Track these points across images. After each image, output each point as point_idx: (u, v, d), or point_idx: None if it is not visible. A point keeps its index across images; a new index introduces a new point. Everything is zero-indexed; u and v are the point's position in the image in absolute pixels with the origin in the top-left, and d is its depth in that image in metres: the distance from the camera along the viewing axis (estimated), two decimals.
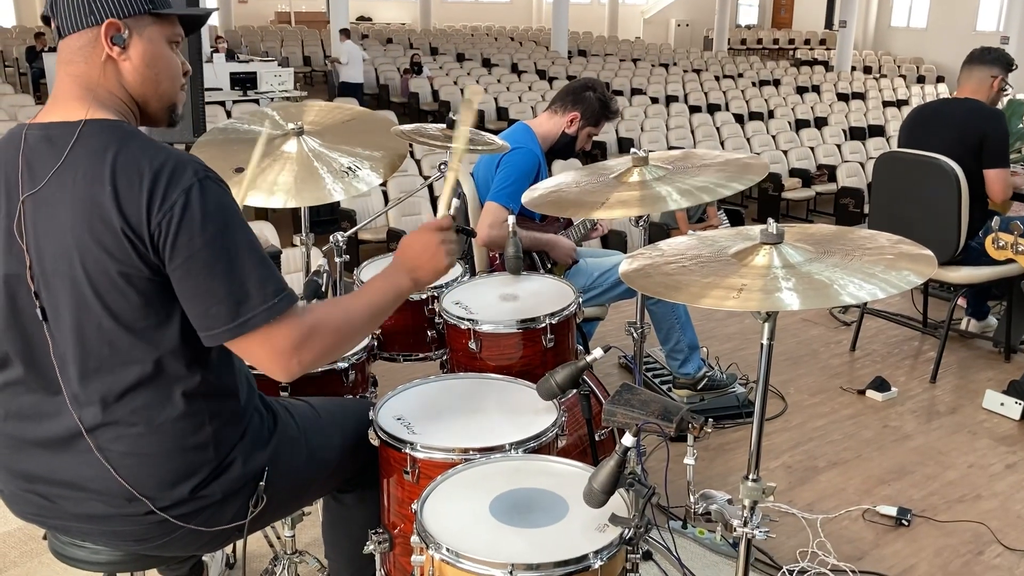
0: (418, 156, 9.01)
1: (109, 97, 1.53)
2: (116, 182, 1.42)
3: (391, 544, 1.86)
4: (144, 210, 1.41)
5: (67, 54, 1.52)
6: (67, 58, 1.52)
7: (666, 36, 28.58)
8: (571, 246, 3.30)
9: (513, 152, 3.14)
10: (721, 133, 11.96)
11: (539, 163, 3.22)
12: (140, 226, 1.41)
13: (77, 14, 1.49)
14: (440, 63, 17.39)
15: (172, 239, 1.42)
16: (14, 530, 2.75)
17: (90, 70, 1.51)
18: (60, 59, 1.53)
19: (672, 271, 1.69)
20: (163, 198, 1.41)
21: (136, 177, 1.42)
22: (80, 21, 1.50)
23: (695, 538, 2.75)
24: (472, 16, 27.95)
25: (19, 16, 21.93)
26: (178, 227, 1.42)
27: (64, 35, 1.52)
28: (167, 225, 1.41)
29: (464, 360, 2.31)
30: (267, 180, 2.43)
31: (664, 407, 1.67)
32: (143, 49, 1.54)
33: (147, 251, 1.43)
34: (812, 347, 4.41)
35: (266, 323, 1.47)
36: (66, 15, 1.50)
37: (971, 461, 3.32)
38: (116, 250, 1.42)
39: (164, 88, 1.59)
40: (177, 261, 1.43)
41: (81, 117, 1.48)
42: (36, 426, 1.54)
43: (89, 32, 1.50)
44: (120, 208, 1.41)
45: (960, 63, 4.12)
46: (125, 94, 1.55)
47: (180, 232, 1.42)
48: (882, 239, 1.74)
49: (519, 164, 3.14)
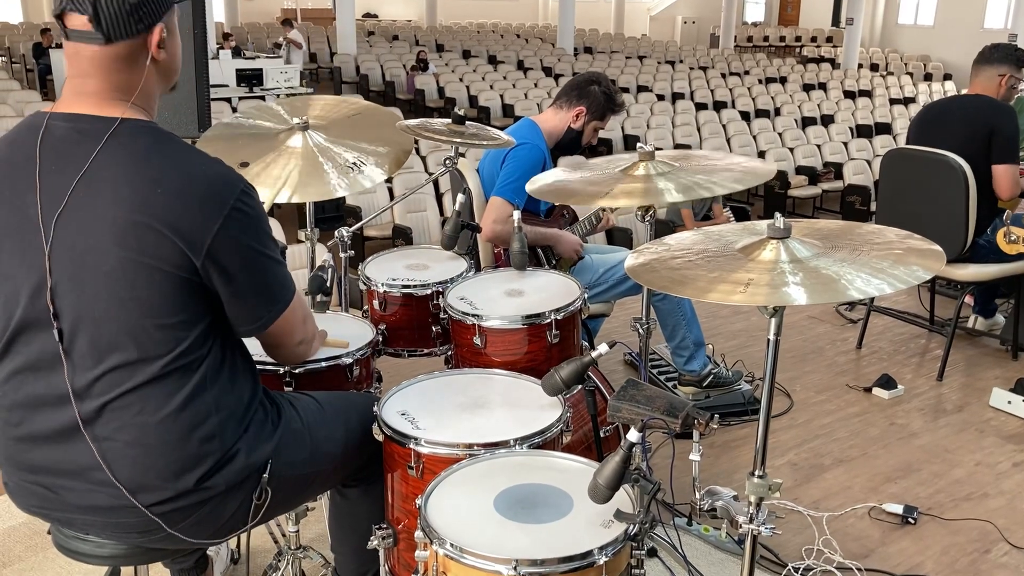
0: (424, 153, 9.00)
1: (143, 97, 1.55)
2: (167, 185, 1.45)
3: (395, 539, 1.86)
4: (199, 217, 1.46)
5: (111, 62, 1.50)
6: (111, 66, 1.50)
7: (672, 33, 28.53)
8: (576, 241, 3.29)
9: (519, 147, 3.14)
10: (727, 130, 11.92)
11: (544, 158, 3.21)
12: (191, 232, 1.46)
13: (128, 20, 1.48)
14: (446, 60, 17.37)
15: (224, 246, 1.49)
16: (19, 524, 2.75)
17: (134, 75, 1.52)
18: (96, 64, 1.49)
19: (678, 266, 1.68)
20: (218, 208, 1.48)
21: (187, 183, 1.47)
22: (132, 29, 1.49)
23: (700, 535, 2.74)
24: (478, 13, 27.92)
25: (26, 13, 21.98)
26: (231, 235, 1.49)
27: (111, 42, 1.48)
28: (222, 233, 1.48)
29: (469, 356, 2.31)
30: (271, 175, 2.42)
31: (669, 403, 1.66)
32: (172, 41, 1.58)
33: (193, 255, 1.47)
34: (818, 344, 4.39)
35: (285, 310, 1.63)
36: (115, 23, 1.47)
37: (978, 459, 3.31)
38: (159, 249, 1.45)
39: (177, 68, 1.64)
40: (227, 265, 1.51)
41: (115, 114, 1.50)
42: (42, 417, 1.54)
43: (138, 40, 1.50)
44: (170, 211, 1.45)
45: (967, 60, 4.11)
46: (157, 86, 1.58)
47: (233, 242, 1.50)
48: (890, 234, 1.72)
49: (525, 159, 3.13)
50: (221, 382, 1.59)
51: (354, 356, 2.17)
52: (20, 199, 1.49)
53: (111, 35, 1.48)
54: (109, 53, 1.49)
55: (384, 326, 2.51)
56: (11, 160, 1.51)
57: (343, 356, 2.14)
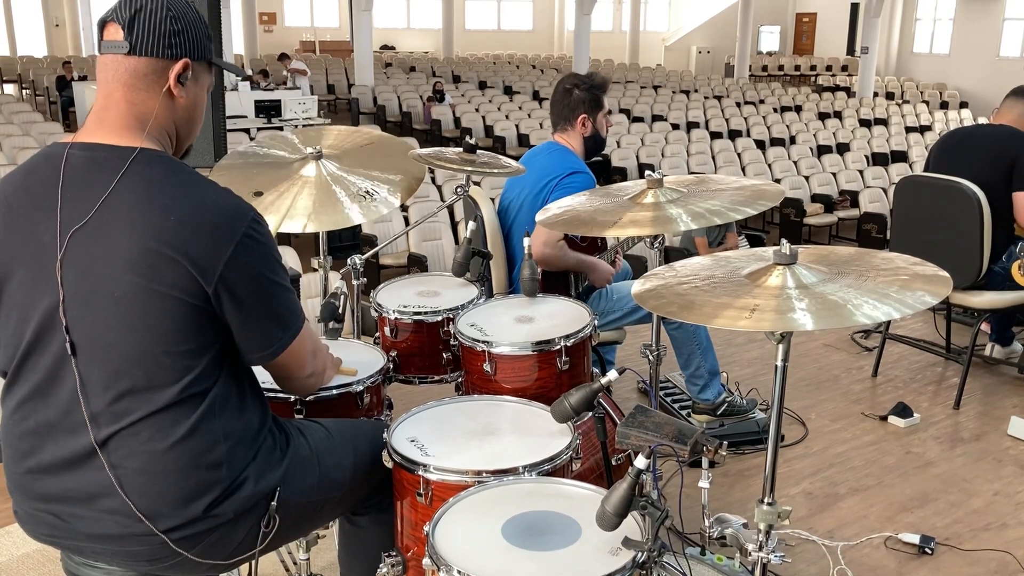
0: (439, 182, 9.06)
1: (158, 129, 1.59)
2: (179, 213, 1.48)
3: (404, 567, 1.85)
4: (210, 245, 1.48)
5: (129, 76, 1.55)
6: (129, 81, 1.55)
7: (687, 63, 28.67)
8: (610, 271, 3.29)
9: (578, 174, 3.17)
10: (742, 159, 11.94)
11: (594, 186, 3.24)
12: (202, 259, 1.48)
13: (158, 42, 1.54)
14: (462, 91, 17.53)
15: (235, 273, 1.51)
16: (32, 552, 2.76)
17: (149, 99, 1.56)
18: (118, 78, 1.55)
19: (685, 291, 1.68)
20: (229, 236, 1.50)
21: (199, 212, 1.49)
22: (158, 49, 1.54)
23: (713, 565, 2.71)
24: (494, 45, 28.19)
25: (50, 47, 22.38)
26: (242, 263, 1.52)
27: (134, 54, 1.53)
28: (233, 261, 1.50)
29: (479, 382, 2.31)
30: (285, 204, 2.45)
31: (679, 430, 1.65)
32: (195, 92, 1.63)
33: (205, 282, 1.49)
34: (833, 372, 4.37)
35: (295, 338, 1.65)
36: (144, 38, 1.53)
37: (996, 489, 3.26)
38: (171, 276, 1.47)
39: (196, 128, 1.69)
40: (238, 292, 1.53)
41: (133, 144, 1.53)
42: (52, 445, 1.55)
43: (160, 63, 1.55)
44: (182, 239, 1.47)
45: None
46: (171, 127, 1.62)
47: (244, 269, 1.52)
48: (898, 261, 1.72)
49: (582, 186, 3.14)
50: (230, 410, 1.60)
51: (364, 383, 2.18)
52: (35, 227, 1.51)
53: (136, 46, 1.53)
54: (130, 65, 1.54)
55: (395, 353, 2.52)
56: (27, 188, 1.54)
57: (354, 384, 2.15)
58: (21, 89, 18.40)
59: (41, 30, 22.72)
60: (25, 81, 18.24)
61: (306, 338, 1.69)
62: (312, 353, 1.74)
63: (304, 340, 1.68)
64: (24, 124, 11.54)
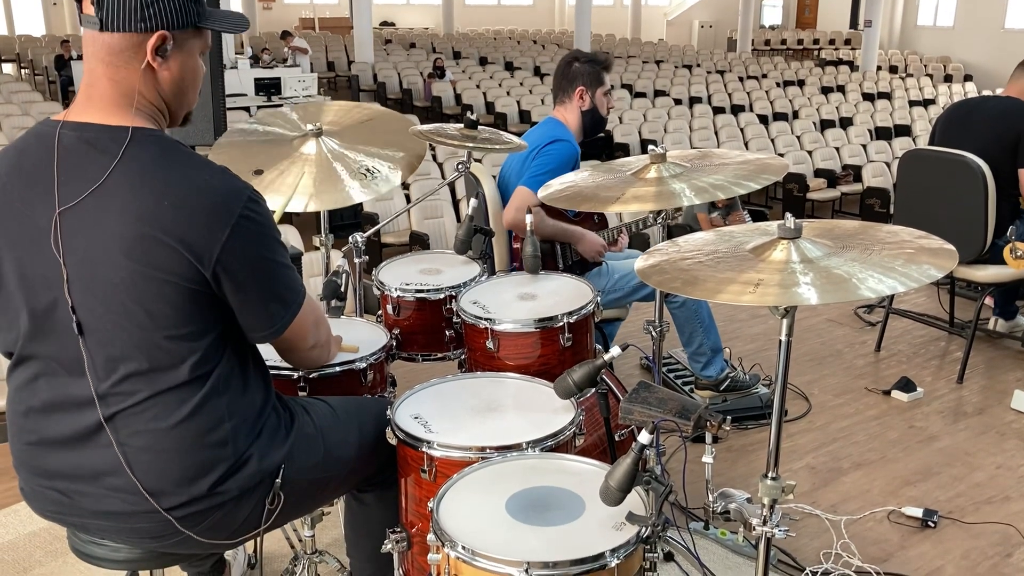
0: (441, 159, 9.02)
1: (146, 104, 1.54)
2: (173, 198, 1.45)
3: (409, 543, 1.86)
4: (205, 229, 1.45)
5: (106, 53, 1.49)
6: (106, 58, 1.49)
7: (689, 38, 28.47)
8: (600, 243, 3.26)
9: (556, 142, 3.18)
10: (745, 134, 11.88)
11: (577, 157, 3.23)
12: (199, 244, 1.45)
13: (129, 16, 1.46)
14: (463, 67, 17.42)
15: (233, 256, 1.49)
16: (39, 530, 2.78)
17: (130, 75, 1.50)
18: (95, 55, 1.49)
19: (688, 266, 1.67)
20: (225, 219, 1.47)
21: (193, 195, 1.46)
22: (130, 23, 1.47)
23: (717, 539, 2.73)
24: (495, 20, 27.99)
25: (48, 25, 22.26)
26: (240, 244, 1.49)
27: (106, 30, 1.47)
28: (230, 243, 1.48)
29: (482, 359, 2.31)
30: (286, 183, 2.44)
31: (682, 405, 1.65)
32: (181, 60, 1.55)
33: (202, 266, 1.47)
34: (836, 347, 4.36)
35: (296, 314, 1.63)
36: (115, 13, 1.46)
37: (999, 462, 3.27)
38: (167, 261, 1.45)
39: (190, 96, 1.63)
40: (237, 274, 1.51)
41: (124, 123, 1.49)
42: (57, 422, 1.55)
43: (135, 36, 1.48)
44: (177, 224, 1.44)
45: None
46: (159, 100, 1.56)
47: (241, 251, 1.50)
48: (903, 234, 1.71)
49: (559, 154, 3.15)
50: (233, 388, 1.60)
51: (368, 360, 2.18)
52: (31, 209, 1.49)
53: (106, 22, 1.46)
54: (105, 42, 1.48)
55: (398, 330, 2.52)
56: (20, 168, 1.52)
57: (357, 361, 2.15)
58: (20, 69, 18.31)
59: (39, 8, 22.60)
60: (23, 60, 18.14)
61: (308, 311, 1.66)
62: (315, 324, 1.71)
63: (306, 314, 1.66)
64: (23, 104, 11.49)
